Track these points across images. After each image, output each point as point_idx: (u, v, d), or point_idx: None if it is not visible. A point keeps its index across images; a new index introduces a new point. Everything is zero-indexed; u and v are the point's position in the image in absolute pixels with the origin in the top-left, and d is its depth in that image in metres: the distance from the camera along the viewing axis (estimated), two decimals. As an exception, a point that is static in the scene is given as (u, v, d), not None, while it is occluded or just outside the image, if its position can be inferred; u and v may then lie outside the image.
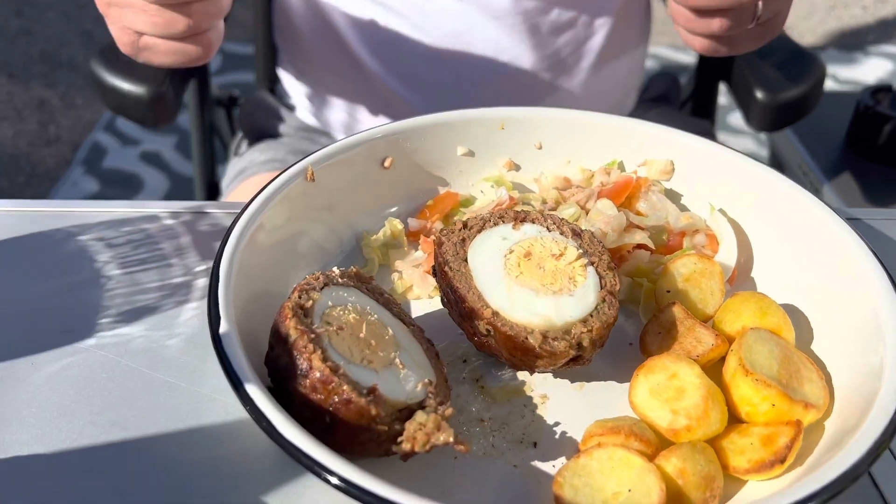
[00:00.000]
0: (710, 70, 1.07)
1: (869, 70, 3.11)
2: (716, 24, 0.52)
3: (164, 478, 0.36)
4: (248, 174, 0.91)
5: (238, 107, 1.18)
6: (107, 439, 0.37)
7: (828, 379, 0.38)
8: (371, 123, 0.74)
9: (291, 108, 0.96)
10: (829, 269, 0.41)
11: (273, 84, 1.14)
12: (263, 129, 0.96)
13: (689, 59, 2.20)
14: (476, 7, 0.77)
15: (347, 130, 0.54)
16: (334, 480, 0.29)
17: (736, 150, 0.49)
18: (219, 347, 0.34)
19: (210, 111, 1.16)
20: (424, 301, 0.46)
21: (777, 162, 1.39)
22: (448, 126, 0.51)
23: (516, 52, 0.80)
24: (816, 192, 1.24)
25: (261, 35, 1.19)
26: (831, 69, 3.15)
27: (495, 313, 0.38)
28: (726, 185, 0.48)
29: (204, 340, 0.42)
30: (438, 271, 0.40)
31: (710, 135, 1.00)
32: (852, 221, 0.53)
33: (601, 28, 0.83)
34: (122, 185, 2.06)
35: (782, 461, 0.34)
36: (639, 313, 0.44)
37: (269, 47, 1.14)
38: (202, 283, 0.46)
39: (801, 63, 0.96)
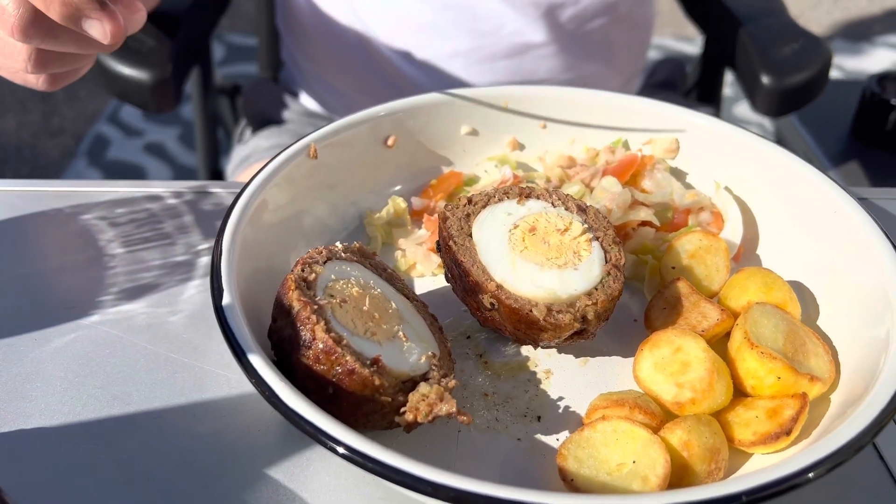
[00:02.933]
0: (716, 56, 1.07)
1: (875, 60, 3.09)
2: None
3: (167, 451, 0.36)
4: (252, 160, 0.91)
5: (242, 95, 1.17)
6: (110, 413, 0.37)
7: (834, 353, 0.38)
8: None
9: (295, 94, 0.96)
10: (835, 244, 0.41)
11: (276, 71, 1.14)
12: (267, 116, 0.96)
13: (693, 49, 2.19)
14: None
15: (352, 113, 0.55)
16: (340, 450, 0.29)
17: (742, 126, 0.48)
18: (222, 319, 0.34)
19: (213, 100, 1.16)
20: (428, 278, 0.45)
21: (781, 144, 1.39)
22: (451, 105, 0.51)
23: (520, 25, 0.79)
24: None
25: (264, 22, 1.19)
26: (837, 59, 3.13)
27: (500, 286, 0.37)
28: (732, 162, 0.47)
29: (206, 317, 0.42)
30: (443, 246, 0.40)
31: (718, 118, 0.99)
32: (860, 201, 0.53)
33: (607, 5, 0.83)
34: (125, 176, 2.06)
35: (788, 434, 0.33)
36: (643, 290, 0.44)
37: (272, 34, 1.14)
38: (204, 261, 0.46)
39: (807, 48, 0.96)
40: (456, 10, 0.78)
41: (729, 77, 1.04)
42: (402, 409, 0.33)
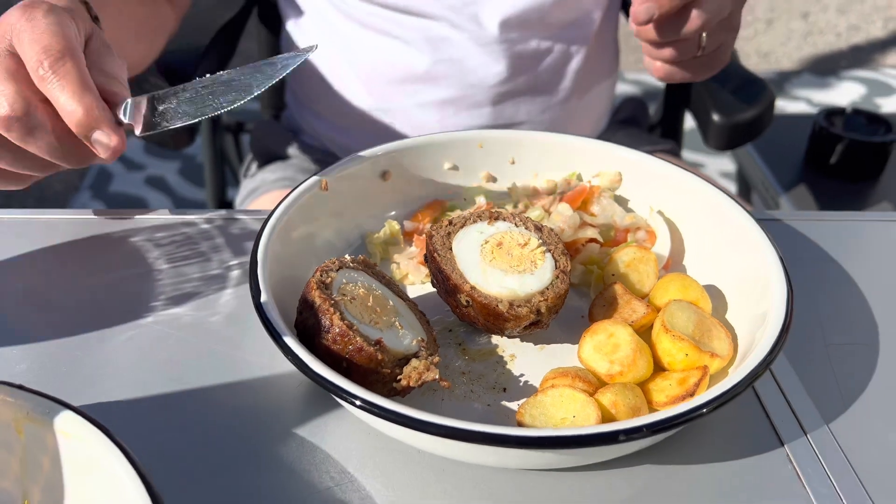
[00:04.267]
0: (675, 97, 1.19)
1: (842, 93, 3.24)
2: (666, 52, 0.62)
3: (214, 417, 0.46)
4: (260, 192, 1.01)
5: (245, 133, 1.29)
6: (167, 390, 0.48)
7: (734, 337, 0.49)
8: (373, 144, 0.85)
9: (298, 133, 1.07)
10: (739, 254, 0.52)
11: (278, 111, 1.25)
12: (273, 152, 1.06)
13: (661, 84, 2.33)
14: (468, 36, 0.88)
15: (350, 152, 0.64)
16: (357, 402, 0.39)
17: (670, 162, 0.59)
18: (261, 312, 0.44)
19: (222, 137, 1.27)
20: (418, 286, 0.56)
21: (742, 178, 1.51)
22: (436, 145, 0.62)
23: (503, 77, 0.91)
24: (776, 205, 1.35)
25: (267, 66, 1.30)
26: (807, 93, 3.27)
27: (473, 287, 0.48)
28: (663, 191, 0.59)
29: (240, 317, 0.53)
30: (429, 257, 0.51)
31: (674, 153, 1.11)
32: (773, 221, 0.64)
33: (577, 55, 0.94)
34: (128, 209, 2.16)
35: (691, 395, 0.44)
36: (590, 293, 0.55)
37: (275, 78, 1.25)
38: (236, 273, 0.57)
39: (753, 89, 1.08)
40: (448, 63, 0.90)
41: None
42: (399, 378, 0.43)
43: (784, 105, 3.06)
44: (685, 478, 0.43)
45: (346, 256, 0.49)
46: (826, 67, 3.46)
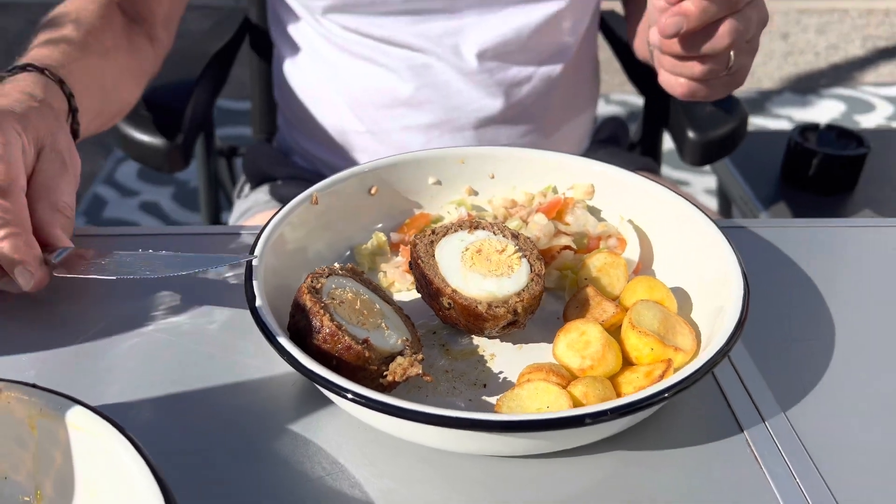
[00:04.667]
0: (654, 117, 1.24)
1: (823, 111, 3.31)
2: (697, 68, 0.62)
3: (214, 415, 0.49)
4: (253, 212, 1.05)
5: (238, 156, 1.33)
6: (169, 391, 0.51)
7: (697, 333, 0.52)
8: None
9: (289, 154, 1.11)
10: (702, 257, 0.56)
11: (270, 134, 1.29)
12: (265, 173, 1.10)
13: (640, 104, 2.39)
14: (450, 65, 0.93)
15: (342, 169, 0.68)
16: (349, 396, 0.43)
17: (640, 174, 0.63)
18: (256, 316, 0.48)
19: (216, 161, 1.31)
20: (404, 293, 0.60)
21: (723, 194, 1.56)
22: (420, 161, 0.66)
23: (484, 102, 0.95)
24: (755, 217, 1.40)
25: (258, 92, 1.36)
26: (788, 111, 3.34)
27: (454, 290, 0.52)
28: (634, 201, 0.63)
29: (236, 324, 0.56)
30: (413, 264, 0.55)
31: (653, 170, 1.15)
32: (739, 228, 0.68)
33: (556, 81, 0.99)
34: (127, 226, 2.18)
35: (657, 386, 0.47)
36: (565, 296, 0.59)
37: (266, 102, 1.30)
38: (232, 284, 0.60)
39: (726, 107, 1.13)
40: (431, 89, 0.94)
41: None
42: (385, 374, 0.47)
43: (766, 123, 3.13)
44: (652, 462, 0.46)
45: (336, 265, 0.53)
46: (806, 86, 3.55)
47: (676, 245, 0.59)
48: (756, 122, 3.11)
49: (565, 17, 0.95)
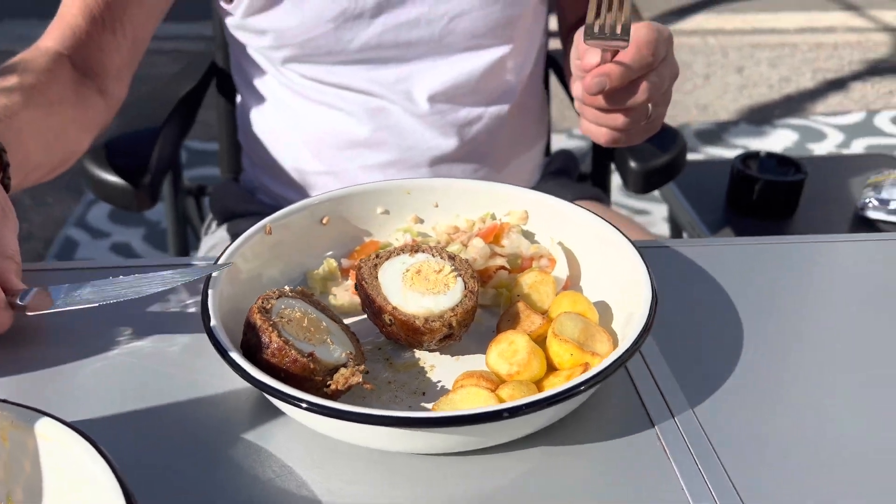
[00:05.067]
0: (601, 149, 1.31)
1: (776, 140, 3.44)
2: (620, 119, 0.69)
3: (176, 428, 0.53)
4: (219, 248, 1.10)
5: (206, 196, 1.37)
6: (134, 408, 0.55)
7: (615, 341, 0.58)
8: None
9: (255, 193, 1.16)
10: (620, 272, 0.62)
11: (237, 174, 1.34)
12: (232, 211, 1.15)
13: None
14: (403, 109, 0.99)
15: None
16: (304, 405, 0.47)
17: (567, 202, 0.69)
18: (211, 335, 0.53)
19: (184, 200, 1.35)
20: (353, 314, 0.65)
21: (674, 221, 1.63)
22: (369, 193, 0.72)
23: (438, 142, 1.01)
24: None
25: (225, 134, 1.41)
26: (744, 141, 3.47)
27: (395, 308, 0.57)
28: (562, 224, 0.69)
29: (195, 347, 0.61)
30: (359, 286, 0.60)
31: (600, 199, 1.21)
32: (662, 248, 0.74)
33: (506, 120, 1.05)
34: (92, 259, 2.21)
35: (576, 387, 0.53)
36: (500, 312, 0.64)
37: (233, 145, 1.36)
38: (191, 311, 0.65)
39: (666, 138, 1.20)
40: (387, 130, 1.00)
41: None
42: (329, 383, 0.51)
43: (723, 152, 3.24)
44: (572, 456, 0.51)
45: (286, 287, 0.58)
46: (761, 117, 3.68)
47: (600, 263, 0.65)
48: (713, 151, 3.23)
49: (509, 62, 1.02)
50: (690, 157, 3.42)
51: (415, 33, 0.95)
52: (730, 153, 3.22)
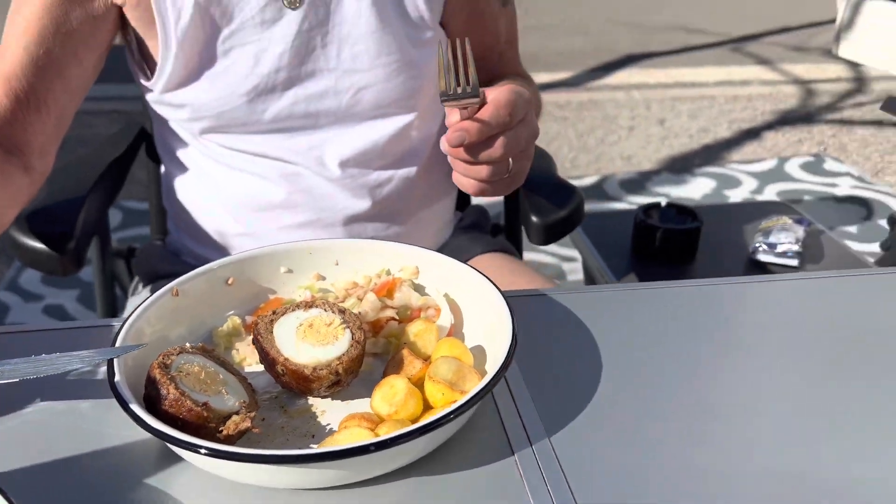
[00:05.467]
0: (511, 205, 1.41)
1: (696, 188, 3.62)
2: (483, 172, 0.76)
3: (85, 479, 0.58)
4: (142, 309, 1.14)
5: (136, 257, 1.42)
6: (44, 460, 0.60)
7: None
8: None
9: (180, 254, 1.21)
10: (493, 320, 0.70)
11: (164, 236, 1.40)
12: (157, 272, 1.20)
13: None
14: (316, 173, 1.07)
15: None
16: (203, 451, 0.53)
17: (454, 260, 0.77)
18: (115, 390, 0.58)
19: (110, 263, 1.39)
20: (254, 366, 0.71)
21: (586, 266, 1.74)
22: (272, 255, 0.79)
23: (350, 202, 1.09)
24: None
25: (154, 196, 1.47)
26: (666, 189, 3.64)
27: (286, 359, 0.64)
28: (447, 278, 0.76)
29: (105, 404, 0.66)
30: (255, 341, 0.66)
31: (509, 251, 1.30)
32: (540, 296, 0.83)
33: (415, 180, 1.13)
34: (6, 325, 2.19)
35: (447, 423, 0.60)
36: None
37: (160, 207, 1.41)
38: (101, 370, 0.70)
39: (564, 194, 1.30)
40: (301, 193, 1.07)
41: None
42: (221, 428, 0.57)
43: (646, 200, 3.40)
44: (442, 485, 0.58)
45: (187, 344, 0.64)
46: (681, 166, 3.88)
47: (478, 311, 0.73)
48: (637, 200, 3.39)
49: (415, 128, 1.11)
50: (611, 205, 3.58)
51: (324, 104, 1.03)
52: (652, 201, 3.38)
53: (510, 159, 0.76)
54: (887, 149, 3.92)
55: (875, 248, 2.51)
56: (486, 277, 0.73)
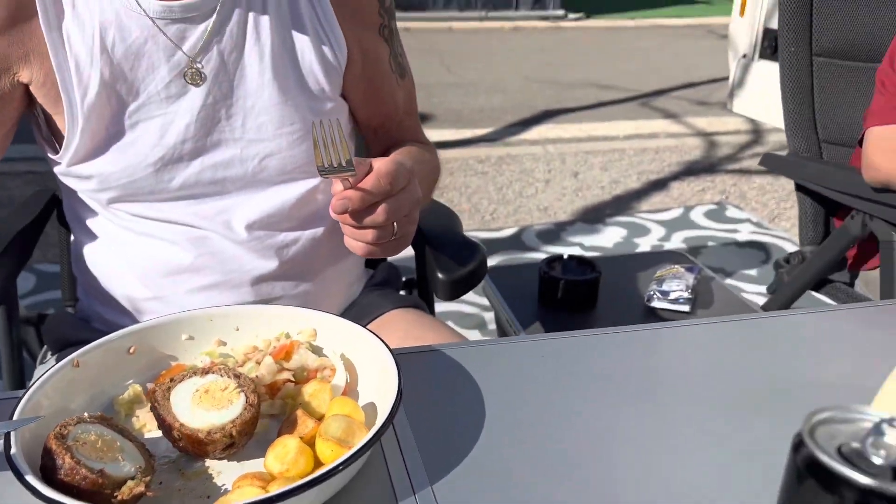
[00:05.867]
0: (420, 261, 1.47)
1: (607, 237, 3.78)
2: (369, 235, 0.83)
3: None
4: (49, 377, 1.14)
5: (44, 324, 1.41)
6: (-64, 537, 0.61)
7: (374, 436, 0.70)
8: None
9: (90, 321, 1.22)
10: (384, 378, 0.75)
11: (74, 303, 1.40)
12: (66, 340, 1.20)
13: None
14: (223, 237, 1.11)
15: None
16: None
17: (350, 322, 0.82)
18: (10, 462, 0.60)
19: (19, 331, 1.38)
20: (154, 432, 0.74)
21: (497, 318, 1.81)
22: (174, 323, 0.82)
23: (258, 263, 1.13)
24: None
25: (65, 264, 1.47)
26: (580, 238, 3.78)
27: (182, 424, 0.67)
28: (341, 338, 0.81)
29: (6, 476, 0.67)
30: (152, 408, 0.69)
31: (419, 306, 1.36)
32: (433, 352, 0.89)
33: (321, 240, 1.19)
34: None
35: (334, 478, 0.64)
36: (285, 419, 0.75)
37: (71, 274, 1.42)
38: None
39: (468, 251, 1.38)
40: (209, 256, 1.11)
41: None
42: (116, 494, 0.60)
43: (561, 250, 3.53)
44: (330, 536, 0.62)
45: (85, 414, 0.67)
46: (594, 216, 4.05)
47: (371, 369, 0.78)
48: (552, 249, 3.52)
49: (320, 191, 1.17)
50: (529, 255, 3.69)
51: (230, 172, 1.08)
52: (567, 250, 3.51)
53: (394, 224, 0.83)
54: (783, 196, 4.21)
55: (770, 290, 2.69)
56: (378, 337, 0.78)
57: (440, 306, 2.91)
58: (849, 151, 1.79)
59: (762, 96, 3.72)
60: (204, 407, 0.69)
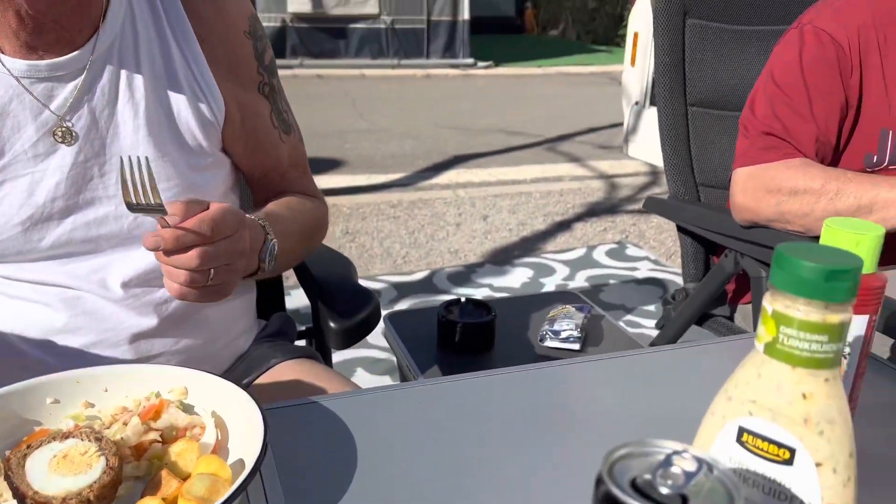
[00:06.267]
0: (316, 312, 1.47)
1: (515, 277, 3.86)
2: (182, 277, 0.84)
3: None
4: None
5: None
6: None
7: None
8: None
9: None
10: (254, 435, 0.75)
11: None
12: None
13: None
14: (98, 296, 1.08)
15: None
16: None
17: (221, 378, 0.82)
18: None
19: None
20: (10, 502, 0.71)
21: (398, 363, 1.83)
22: (39, 387, 0.80)
23: (136, 321, 1.11)
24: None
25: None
26: (489, 280, 3.84)
27: (35, 492, 0.65)
28: (213, 395, 0.81)
29: None
30: (5, 476, 0.67)
31: (312, 356, 1.36)
32: (312, 404, 0.89)
33: None
34: None
35: (195, 537, 0.64)
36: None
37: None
38: None
39: (361, 299, 1.39)
40: (85, 316, 1.08)
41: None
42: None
43: (471, 292, 3.58)
44: None
45: (-69, 487, 0.64)
46: (503, 258, 4.13)
47: (239, 424, 0.78)
48: (463, 291, 3.57)
49: (198, 245, 1.16)
50: (440, 298, 3.74)
51: (104, 229, 1.07)
52: (478, 292, 3.57)
53: (211, 270, 0.84)
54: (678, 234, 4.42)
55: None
56: (248, 393, 0.79)
57: (349, 353, 2.90)
58: (724, 193, 1.92)
59: (654, 141, 3.92)
60: (61, 472, 0.67)
